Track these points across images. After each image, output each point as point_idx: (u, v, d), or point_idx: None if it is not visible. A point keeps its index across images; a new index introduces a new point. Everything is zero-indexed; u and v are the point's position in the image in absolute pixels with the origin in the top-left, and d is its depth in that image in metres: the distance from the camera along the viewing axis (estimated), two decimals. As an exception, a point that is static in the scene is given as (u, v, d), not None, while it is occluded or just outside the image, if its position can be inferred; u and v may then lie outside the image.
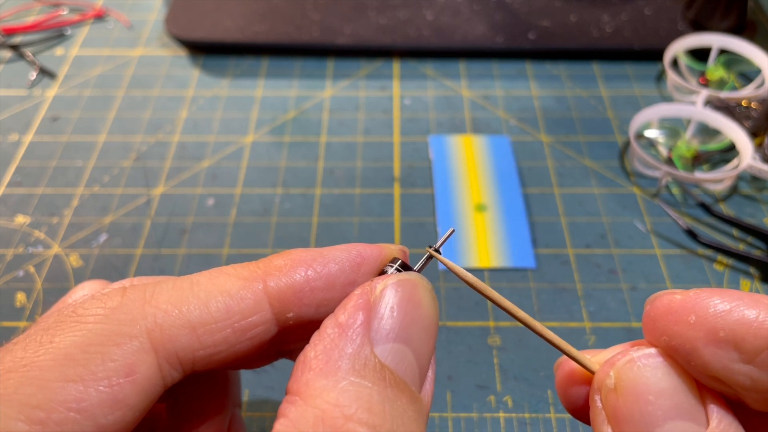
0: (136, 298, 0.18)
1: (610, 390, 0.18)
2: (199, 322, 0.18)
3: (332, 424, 0.15)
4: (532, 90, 0.53)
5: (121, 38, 0.58)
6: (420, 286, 0.19)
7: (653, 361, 0.18)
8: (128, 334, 0.17)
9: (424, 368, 0.18)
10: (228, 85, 0.54)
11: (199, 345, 0.18)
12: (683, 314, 0.17)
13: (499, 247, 0.41)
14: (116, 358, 0.16)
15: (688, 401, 0.17)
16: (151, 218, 0.44)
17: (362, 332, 0.17)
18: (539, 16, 0.57)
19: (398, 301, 0.18)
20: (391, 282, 0.18)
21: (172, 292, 0.18)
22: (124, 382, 0.16)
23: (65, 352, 0.16)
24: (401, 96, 0.52)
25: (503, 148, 0.48)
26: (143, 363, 0.17)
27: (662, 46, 0.52)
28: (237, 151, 0.48)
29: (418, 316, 0.18)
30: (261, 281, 0.19)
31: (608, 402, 0.18)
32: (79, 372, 0.16)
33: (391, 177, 0.46)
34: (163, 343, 0.17)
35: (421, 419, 0.17)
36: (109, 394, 0.16)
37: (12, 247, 0.42)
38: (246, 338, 0.18)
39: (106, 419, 0.16)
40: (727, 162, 0.46)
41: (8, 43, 0.57)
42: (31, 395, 0.15)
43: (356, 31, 0.56)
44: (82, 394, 0.16)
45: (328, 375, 0.16)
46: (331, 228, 0.43)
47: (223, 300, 0.18)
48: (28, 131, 0.50)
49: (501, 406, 0.34)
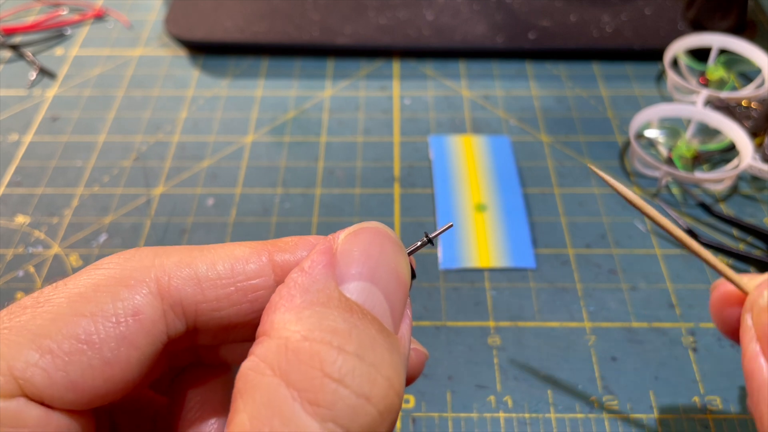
0: (148, 252, 0.19)
1: (762, 309, 0.19)
2: (205, 277, 0.19)
3: (295, 348, 0.15)
4: (532, 90, 0.53)
5: (121, 38, 0.58)
6: (382, 231, 0.19)
7: None
8: (138, 279, 0.18)
9: (396, 310, 0.18)
10: (228, 85, 0.54)
11: (203, 297, 0.18)
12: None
13: (499, 247, 0.41)
14: (125, 298, 0.17)
15: None
16: (151, 218, 0.44)
17: (326, 272, 0.17)
18: (539, 16, 0.57)
19: (361, 243, 0.18)
20: (353, 229, 0.19)
21: (182, 252, 0.19)
22: (131, 320, 0.17)
23: (77, 291, 0.17)
24: (401, 96, 0.52)
25: (503, 148, 0.48)
26: (149, 305, 0.18)
27: (662, 46, 0.52)
28: (237, 151, 0.48)
29: (384, 257, 0.18)
30: (267, 252, 0.19)
31: (760, 320, 0.19)
32: (90, 308, 0.17)
33: (391, 177, 0.46)
34: (170, 291, 0.18)
35: (396, 354, 0.17)
36: (116, 331, 0.17)
37: (12, 247, 0.42)
38: (247, 299, 0.19)
39: (112, 354, 0.17)
40: (727, 162, 0.46)
41: (8, 43, 0.57)
42: (43, 326, 0.16)
43: (356, 31, 0.56)
44: (90, 328, 0.17)
45: (291, 310, 0.16)
46: (331, 228, 0.43)
47: (229, 261, 0.19)
48: (28, 131, 0.50)
49: (501, 406, 0.34)
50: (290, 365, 0.15)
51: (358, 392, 0.15)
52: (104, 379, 0.17)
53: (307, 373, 0.15)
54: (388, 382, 0.16)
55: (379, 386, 0.16)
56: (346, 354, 0.15)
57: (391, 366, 0.16)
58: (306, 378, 0.15)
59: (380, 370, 0.16)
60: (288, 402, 0.15)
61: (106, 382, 0.17)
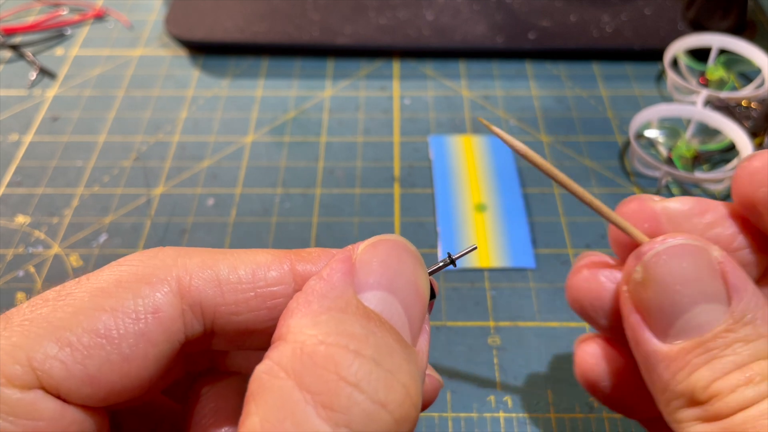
0: (171, 252, 0.19)
1: (638, 283, 0.19)
2: (226, 280, 0.19)
3: (311, 351, 0.15)
4: (532, 90, 0.53)
5: (121, 38, 0.58)
6: (401, 243, 0.19)
7: (679, 252, 0.18)
8: (159, 277, 0.18)
9: (414, 323, 0.18)
10: (228, 85, 0.54)
11: (222, 300, 0.18)
12: None
13: (499, 247, 0.41)
14: (146, 295, 0.17)
15: (712, 284, 0.18)
16: (151, 218, 0.44)
17: (344, 279, 0.17)
18: (539, 16, 0.57)
19: (380, 254, 0.18)
20: (372, 241, 0.19)
21: (205, 254, 0.19)
22: (150, 317, 0.17)
23: (99, 286, 0.17)
24: (401, 96, 0.52)
25: (503, 148, 0.48)
26: (169, 304, 0.18)
27: (662, 46, 0.52)
28: (237, 151, 0.48)
29: (403, 269, 0.18)
30: (289, 261, 0.20)
31: (638, 294, 0.19)
32: (110, 303, 0.17)
33: (391, 177, 0.46)
34: (190, 291, 0.18)
35: (414, 365, 0.17)
36: (135, 327, 0.17)
37: (12, 247, 0.42)
38: (266, 306, 0.19)
39: (130, 349, 0.17)
40: (727, 162, 0.46)
41: (8, 43, 0.57)
42: (63, 319, 0.16)
43: (356, 31, 0.56)
44: (110, 323, 0.17)
45: (307, 315, 0.16)
46: (331, 228, 0.43)
47: (251, 266, 0.19)
48: (28, 131, 0.50)
49: (501, 406, 0.34)
50: (305, 368, 0.15)
51: (374, 398, 0.15)
52: (121, 375, 0.17)
53: (322, 376, 0.15)
54: (405, 390, 0.16)
55: (395, 393, 0.15)
56: (363, 358, 0.15)
57: (409, 374, 0.16)
58: (321, 381, 0.15)
59: (397, 377, 0.15)
60: (301, 405, 0.14)
61: (123, 378, 0.17)
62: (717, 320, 0.17)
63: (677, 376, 0.18)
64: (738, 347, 0.17)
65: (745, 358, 0.17)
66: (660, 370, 0.18)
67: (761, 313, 0.17)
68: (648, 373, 0.19)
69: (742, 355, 0.17)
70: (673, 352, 0.18)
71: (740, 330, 0.17)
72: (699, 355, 0.17)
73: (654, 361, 0.18)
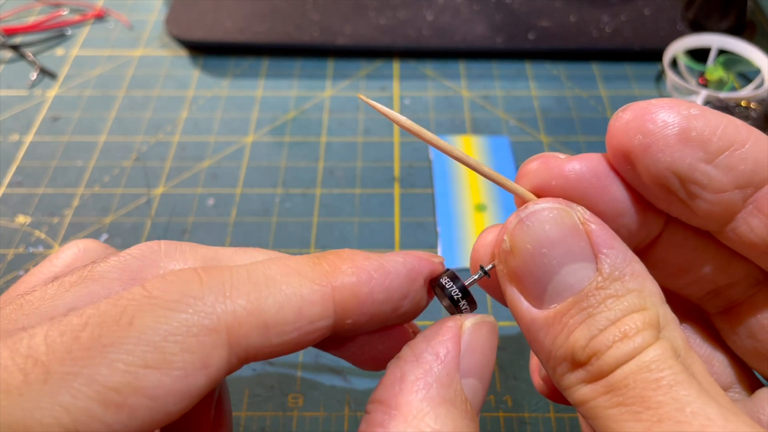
0: (216, 289, 0.18)
1: (507, 252, 0.19)
2: (273, 323, 0.18)
3: None
4: (532, 90, 0.53)
5: (122, 38, 0.59)
6: (496, 329, 0.20)
7: (541, 216, 0.19)
8: (208, 327, 0.17)
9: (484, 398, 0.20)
10: (228, 85, 0.54)
11: (267, 343, 0.18)
12: (657, 112, 0.18)
13: (499, 247, 0.41)
14: (195, 350, 0.17)
15: (578, 244, 0.18)
16: (151, 218, 0.44)
17: (454, 364, 0.19)
18: (539, 17, 0.57)
19: (481, 341, 0.20)
20: (478, 321, 0.20)
21: (250, 289, 0.18)
22: (199, 373, 0.17)
23: (146, 337, 0.16)
24: (401, 96, 0.53)
25: (503, 149, 0.48)
26: (218, 357, 0.17)
27: (662, 46, 0.52)
28: (237, 151, 0.48)
29: (492, 358, 0.20)
30: (329, 287, 0.19)
31: (508, 264, 0.19)
32: (158, 359, 0.16)
33: (391, 177, 0.46)
34: (238, 340, 0.17)
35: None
36: (184, 384, 0.16)
37: (13, 247, 0.42)
38: (305, 340, 0.19)
39: (176, 407, 0.16)
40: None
41: (9, 43, 0.57)
42: (109, 376, 0.15)
43: (356, 31, 0.56)
44: (158, 381, 0.16)
45: (426, 400, 0.18)
46: (331, 228, 0.43)
47: (297, 304, 0.18)
48: (28, 131, 0.50)
49: (501, 406, 0.34)
50: None
51: None
52: (162, 423, 0.16)
53: None
54: None
55: None
56: None
57: None
58: None
59: None
60: None
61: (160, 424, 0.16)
62: (587, 278, 0.18)
63: (557, 341, 0.18)
64: (610, 303, 0.17)
65: (617, 313, 0.17)
66: (541, 338, 0.18)
67: (629, 269, 0.18)
68: (533, 344, 0.19)
69: (615, 310, 0.17)
70: (549, 316, 0.18)
71: (610, 286, 0.17)
72: (574, 315, 0.17)
73: (535, 329, 0.18)
